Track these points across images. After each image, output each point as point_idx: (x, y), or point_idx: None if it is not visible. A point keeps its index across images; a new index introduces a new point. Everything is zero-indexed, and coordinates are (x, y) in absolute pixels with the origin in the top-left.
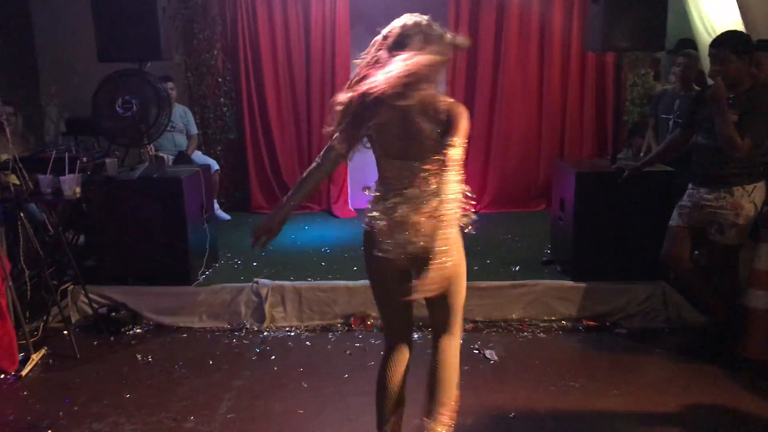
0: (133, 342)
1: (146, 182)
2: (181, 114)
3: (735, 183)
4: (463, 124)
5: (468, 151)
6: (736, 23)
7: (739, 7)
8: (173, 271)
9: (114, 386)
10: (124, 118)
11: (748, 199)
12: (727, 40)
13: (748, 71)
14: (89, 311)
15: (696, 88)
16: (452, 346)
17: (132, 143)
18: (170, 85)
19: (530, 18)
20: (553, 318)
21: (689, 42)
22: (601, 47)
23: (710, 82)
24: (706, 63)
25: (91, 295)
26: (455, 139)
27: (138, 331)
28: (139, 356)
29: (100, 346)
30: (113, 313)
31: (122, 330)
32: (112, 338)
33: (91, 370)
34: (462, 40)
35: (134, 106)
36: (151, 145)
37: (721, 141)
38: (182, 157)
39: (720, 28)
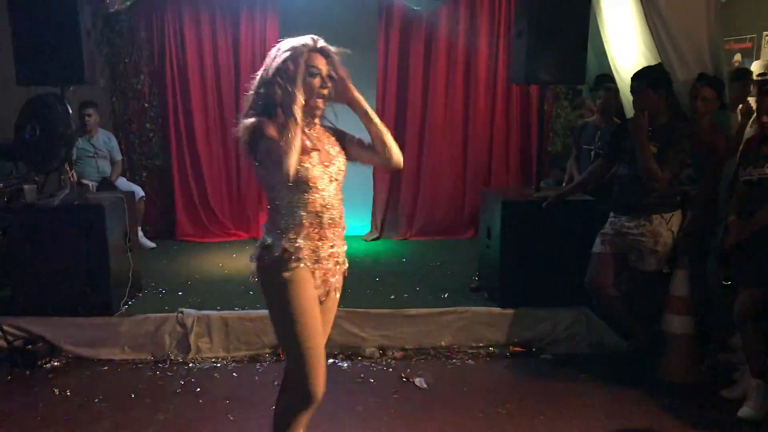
0: (50, 376)
1: (66, 209)
2: (105, 140)
3: (654, 211)
4: None
5: (398, 180)
6: (634, 65)
7: (662, 46)
8: (94, 301)
9: (28, 423)
10: (29, 143)
11: (666, 227)
12: (645, 74)
13: (665, 105)
14: (3, 344)
15: (615, 120)
16: None
17: (39, 168)
18: (89, 111)
19: (458, 50)
20: (482, 344)
21: (607, 77)
22: (524, 80)
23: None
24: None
25: (5, 327)
26: None
27: (56, 364)
28: (56, 391)
29: (14, 380)
30: (29, 346)
31: (38, 363)
32: (27, 372)
33: (3, 407)
34: None
35: (36, 132)
36: (73, 170)
37: (641, 171)
38: (106, 184)
39: (622, 69)
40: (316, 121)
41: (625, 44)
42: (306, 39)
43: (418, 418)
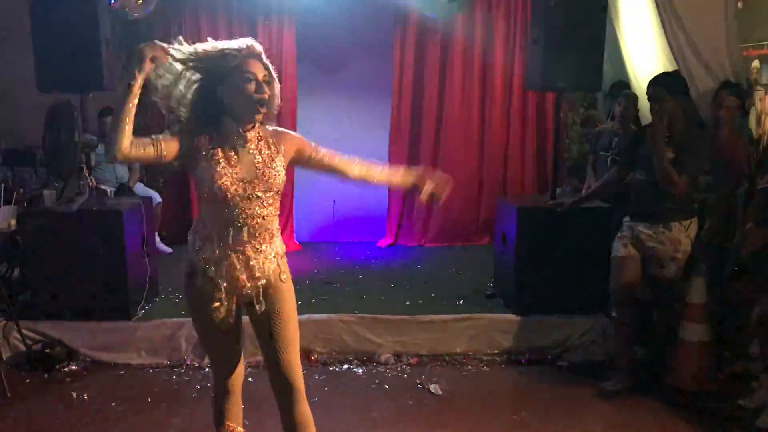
0: (68, 379)
1: (85, 215)
2: None
3: (672, 218)
4: None
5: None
6: (652, 72)
7: (681, 54)
8: (112, 306)
9: (47, 426)
10: (45, 150)
11: (685, 234)
12: (663, 80)
13: (683, 111)
14: (22, 348)
15: (633, 127)
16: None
17: (54, 174)
18: (109, 118)
19: (474, 58)
20: (497, 351)
21: (624, 84)
22: (540, 87)
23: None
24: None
25: (24, 331)
26: None
27: (73, 368)
28: (74, 394)
29: (33, 384)
30: (47, 350)
31: (56, 367)
32: (45, 376)
33: (22, 410)
34: None
35: (49, 139)
36: (92, 176)
37: (658, 177)
38: (124, 189)
39: (640, 76)
40: (248, 134)
41: (644, 51)
42: (242, 43)
43: (433, 424)
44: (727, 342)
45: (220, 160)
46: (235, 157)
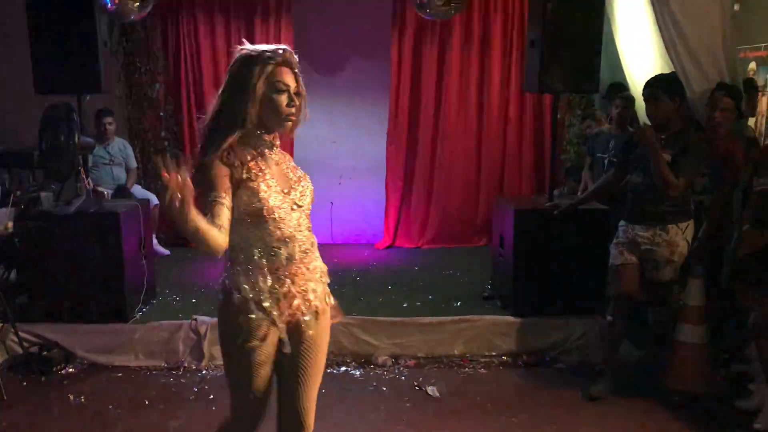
0: (65, 382)
1: (82, 217)
2: (121, 147)
3: (669, 221)
4: None
5: (410, 188)
6: (649, 74)
7: (677, 55)
8: (109, 308)
9: (44, 428)
10: (43, 152)
11: (681, 236)
12: (660, 81)
13: (679, 113)
14: (19, 350)
15: (630, 129)
16: None
17: (52, 176)
18: (109, 119)
19: (471, 58)
20: (494, 353)
21: (621, 86)
22: (537, 89)
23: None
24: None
25: (21, 334)
26: None
27: (70, 370)
28: (71, 397)
29: (30, 387)
30: (44, 352)
31: (54, 370)
32: (42, 378)
33: (19, 413)
34: None
35: (48, 141)
36: (89, 178)
37: (655, 179)
38: (121, 191)
39: (636, 78)
40: (277, 142)
41: (641, 53)
42: (278, 48)
43: (431, 426)
44: (724, 344)
45: (258, 174)
46: (268, 169)
